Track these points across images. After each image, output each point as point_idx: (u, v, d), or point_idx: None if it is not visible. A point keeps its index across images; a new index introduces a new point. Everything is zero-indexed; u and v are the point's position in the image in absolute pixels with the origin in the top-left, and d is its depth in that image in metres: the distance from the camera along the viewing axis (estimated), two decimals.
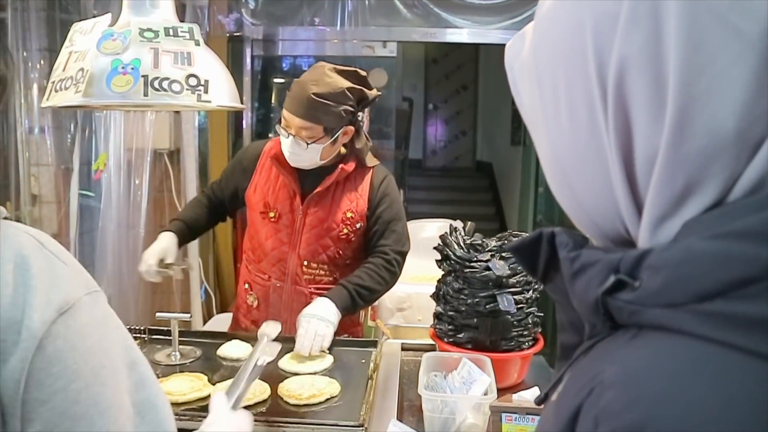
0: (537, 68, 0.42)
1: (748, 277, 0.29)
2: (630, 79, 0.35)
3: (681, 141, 0.33)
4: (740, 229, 0.30)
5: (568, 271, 0.38)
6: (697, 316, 0.30)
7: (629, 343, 0.34)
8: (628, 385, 0.31)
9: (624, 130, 0.36)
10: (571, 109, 0.39)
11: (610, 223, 0.40)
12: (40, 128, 2.74)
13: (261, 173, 1.66)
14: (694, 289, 0.30)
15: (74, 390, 0.49)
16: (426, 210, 5.81)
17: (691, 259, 0.31)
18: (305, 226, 1.61)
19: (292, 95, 1.51)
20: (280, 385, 1.28)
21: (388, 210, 1.63)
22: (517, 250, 0.43)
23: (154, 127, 2.72)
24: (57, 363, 0.49)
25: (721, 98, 0.32)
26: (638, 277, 0.33)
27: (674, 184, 0.34)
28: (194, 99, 1.23)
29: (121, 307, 2.71)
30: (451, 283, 1.44)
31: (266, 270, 1.66)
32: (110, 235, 2.72)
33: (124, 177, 2.72)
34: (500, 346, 1.42)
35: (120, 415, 0.53)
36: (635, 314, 0.33)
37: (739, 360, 0.29)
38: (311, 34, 3.28)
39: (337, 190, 1.62)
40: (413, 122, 6.70)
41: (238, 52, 3.21)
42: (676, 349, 0.31)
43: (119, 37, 1.22)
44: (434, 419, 1.19)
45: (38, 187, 2.79)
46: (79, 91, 1.18)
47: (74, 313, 0.51)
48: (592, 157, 0.38)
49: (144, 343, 1.54)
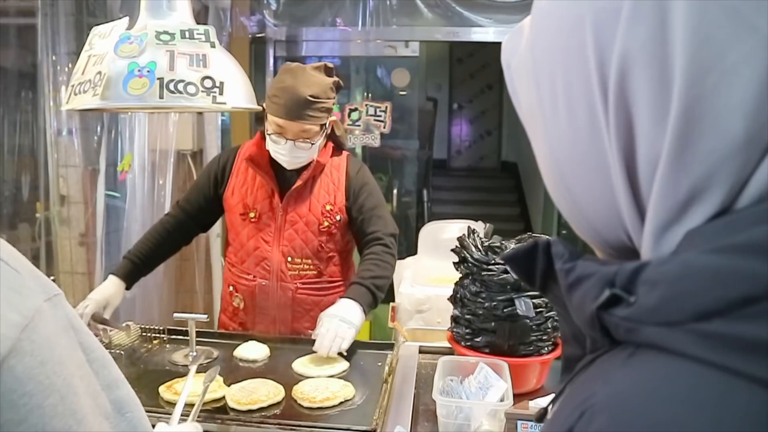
0: (534, 66, 0.39)
1: (749, 296, 0.26)
2: (632, 77, 0.32)
3: (686, 144, 0.31)
4: (742, 243, 0.28)
5: (564, 283, 0.36)
6: (695, 336, 0.28)
7: (625, 362, 0.32)
8: (620, 412, 0.29)
9: (626, 131, 0.33)
10: (569, 110, 0.36)
11: (612, 231, 0.37)
12: (68, 130, 2.81)
13: (237, 176, 1.67)
14: (691, 308, 0.28)
15: (50, 405, 0.47)
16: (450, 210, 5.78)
17: (689, 275, 0.28)
18: (286, 223, 1.63)
19: (284, 103, 1.52)
20: (294, 388, 1.28)
21: (369, 198, 1.66)
22: (511, 260, 0.40)
23: (178, 129, 2.76)
24: (29, 382, 0.46)
25: (730, 98, 0.29)
26: (634, 292, 0.31)
27: (678, 190, 0.31)
28: (209, 101, 1.23)
29: (144, 306, 2.75)
30: (469, 286, 1.42)
31: (250, 270, 1.67)
32: (135, 235, 2.76)
33: (148, 178, 2.76)
34: (519, 351, 1.39)
35: (98, 417, 0.52)
36: (631, 332, 0.31)
37: (739, 387, 0.26)
38: (333, 35, 3.29)
39: (314, 184, 1.64)
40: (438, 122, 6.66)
41: (261, 53, 3.23)
42: (673, 373, 0.29)
43: (136, 40, 1.23)
44: (448, 425, 1.17)
45: (66, 187, 2.86)
46: (97, 94, 1.20)
47: (37, 324, 0.48)
48: (593, 161, 0.36)
49: (162, 343, 1.56)
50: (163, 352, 1.51)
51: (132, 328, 1.56)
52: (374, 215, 1.65)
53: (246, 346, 1.50)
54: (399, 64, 3.55)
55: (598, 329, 0.33)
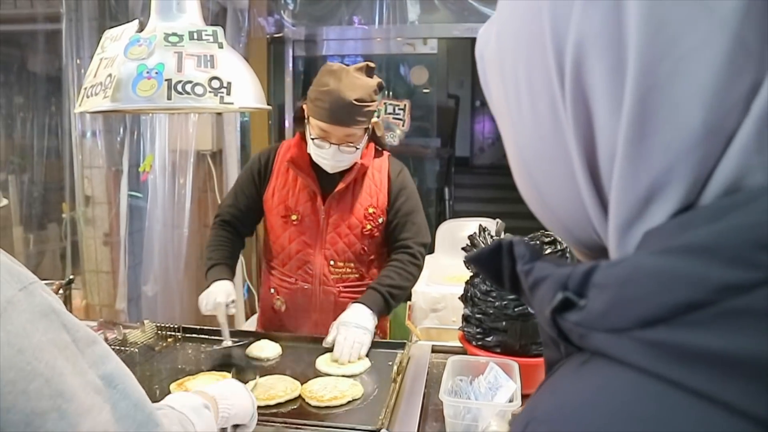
0: (499, 56, 0.37)
1: (693, 302, 0.24)
2: (588, 65, 0.30)
3: (642, 136, 0.29)
4: (689, 244, 0.26)
5: (525, 285, 0.34)
6: (639, 344, 0.26)
7: (575, 371, 0.30)
8: (559, 425, 0.28)
9: (585, 124, 0.32)
10: (532, 103, 0.35)
11: (582, 230, 0.36)
12: (92, 132, 2.87)
13: (277, 177, 1.64)
14: (636, 314, 0.26)
15: (35, 389, 0.49)
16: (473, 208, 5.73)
17: (635, 278, 0.27)
18: (329, 226, 1.60)
19: (328, 107, 1.47)
20: (304, 386, 1.28)
21: (407, 202, 1.63)
22: (476, 262, 0.38)
23: (197, 129, 2.80)
24: (9, 370, 0.47)
25: (687, 86, 0.27)
26: (585, 296, 0.29)
27: (637, 185, 0.29)
28: (217, 101, 1.24)
29: (165, 305, 2.80)
30: (479, 285, 1.40)
31: (292, 273, 1.65)
32: (156, 234, 2.82)
33: (169, 178, 2.80)
34: (530, 351, 1.37)
35: (89, 393, 0.53)
36: (583, 338, 0.29)
37: (679, 400, 0.24)
38: (352, 34, 3.29)
39: (356, 187, 1.61)
40: (460, 120, 6.61)
41: (280, 53, 3.25)
42: (613, 384, 0.27)
43: (145, 42, 1.25)
44: (456, 425, 1.15)
45: (91, 188, 2.92)
46: (107, 97, 1.22)
47: (10, 315, 0.49)
48: (557, 155, 0.34)
49: (177, 341, 1.58)
50: (176, 350, 1.53)
51: (147, 326, 1.59)
52: (408, 221, 1.63)
53: (258, 345, 1.50)
54: (418, 62, 3.54)
55: (557, 334, 0.31)
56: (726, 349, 0.23)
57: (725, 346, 0.23)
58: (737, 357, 0.23)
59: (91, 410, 0.53)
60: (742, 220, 0.25)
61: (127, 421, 0.56)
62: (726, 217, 0.26)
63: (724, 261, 0.24)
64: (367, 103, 1.48)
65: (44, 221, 3.27)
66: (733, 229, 0.25)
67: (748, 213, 0.25)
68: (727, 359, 0.23)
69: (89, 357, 0.56)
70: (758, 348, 0.23)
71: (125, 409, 0.57)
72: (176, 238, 2.83)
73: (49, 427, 0.49)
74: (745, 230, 0.24)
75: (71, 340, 0.54)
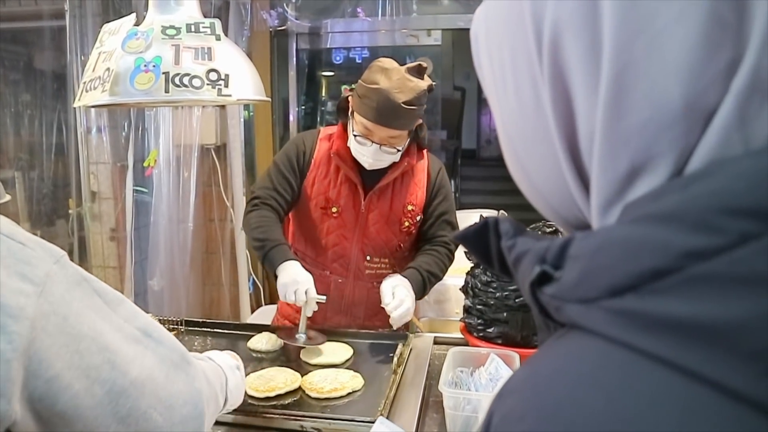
0: (487, 37, 0.38)
1: (658, 269, 0.24)
2: (565, 44, 0.30)
3: (619, 115, 0.28)
4: (657, 211, 0.25)
5: (509, 261, 0.34)
6: (607, 313, 0.26)
7: (551, 344, 0.30)
8: (526, 393, 0.28)
9: (563, 104, 0.31)
10: (516, 83, 0.35)
11: (567, 209, 0.36)
12: (98, 128, 2.88)
13: (319, 167, 1.60)
14: (605, 282, 0.26)
15: (85, 348, 0.55)
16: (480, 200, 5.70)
17: (605, 248, 0.26)
18: (368, 221, 1.58)
19: (375, 106, 1.43)
20: (304, 378, 1.28)
21: (444, 202, 1.65)
22: (464, 240, 0.38)
23: (201, 123, 2.80)
24: (60, 335, 0.53)
25: (663, 63, 0.27)
26: (562, 268, 0.29)
27: (617, 164, 0.29)
28: (214, 93, 1.24)
29: (172, 298, 2.82)
30: (480, 276, 1.40)
31: (326, 265, 1.62)
32: (162, 229, 2.83)
33: (173, 173, 2.81)
34: (532, 342, 1.36)
35: (131, 344, 0.61)
36: (559, 310, 0.29)
37: (644, 367, 0.24)
38: (355, 26, 3.27)
39: (397, 183, 1.59)
40: (466, 112, 6.58)
41: (283, 46, 3.25)
42: (583, 354, 0.27)
43: (142, 36, 1.25)
44: (456, 417, 1.15)
45: (97, 184, 2.94)
46: (105, 90, 1.22)
47: (51, 288, 0.54)
48: (540, 135, 0.34)
49: (180, 334, 1.59)
50: None
51: None
52: (445, 221, 1.64)
53: (259, 337, 1.51)
54: (422, 54, 3.51)
55: (537, 309, 0.31)
56: (689, 316, 0.23)
57: (688, 313, 0.23)
58: (700, 323, 0.23)
59: (135, 358, 0.60)
60: (709, 187, 0.25)
61: (166, 362, 0.64)
62: (693, 185, 0.25)
63: (688, 227, 0.24)
64: (416, 107, 1.44)
65: (52, 217, 3.30)
66: (698, 196, 0.25)
67: (714, 180, 0.25)
68: (691, 326, 0.23)
69: (122, 314, 0.63)
70: (720, 314, 0.22)
71: (163, 353, 0.65)
72: (181, 232, 2.84)
73: (105, 376, 0.56)
74: (711, 196, 0.24)
75: (103, 303, 0.61)
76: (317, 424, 1.11)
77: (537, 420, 0.26)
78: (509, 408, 0.28)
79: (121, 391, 0.57)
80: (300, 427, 1.11)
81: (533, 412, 0.26)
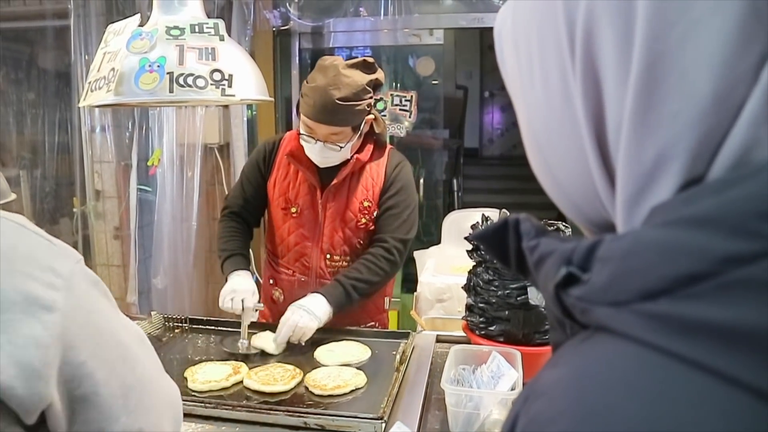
0: (513, 30, 0.38)
1: (695, 273, 0.24)
2: (598, 33, 0.30)
3: (648, 105, 0.28)
4: (692, 216, 0.25)
5: (530, 262, 0.34)
6: (640, 317, 0.25)
7: (577, 347, 0.30)
8: (557, 396, 0.27)
9: (594, 94, 0.31)
10: (544, 75, 0.34)
11: (591, 207, 0.35)
12: (102, 127, 2.90)
13: (279, 169, 1.64)
14: (638, 286, 0.26)
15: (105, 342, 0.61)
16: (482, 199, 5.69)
17: (637, 251, 0.26)
18: (326, 220, 1.60)
19: (312, 103, 1.46)
20: (307, 375, 1.29)
21: (396, 196, 1.60)
22: (482, 239, 0.38)
23: (205, 123, 2.81)
24: (87, 326, 0.58)
25: (697, 54, 0.27)
26: (589, 270, 0.28)
27: (643, 157, 0.29)
28: (218, 93, 1.25)
29: (176, 297, 2.83)
30: (482, 274, 1.40)
31: (290, 265, 1.65)
32: (166, 227, 2.85)
33: (177, 172, 2.83)
34: (533, 340, 1.37)
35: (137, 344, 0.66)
36: (585, 313, 0.29)
37: (679, 372, 0.24)
38: (358, 25, 3.28)
39: (352, 181, 1.60)
40: (469, 111, 6.58)
41: (286, 45, 3.25)
42: (616, 358, 0.26)
43: (147, 36, 1.26)
44: (458, 414, 1.16)
45: (101, 183, 2.96)
46: (110, 90, 1.23)
47: (77, 283, 0.59)
48: (566, 129, 0.34)
49: (184, 332, 1.60)
50: (183, 341, 1.55)
51: (154, 318, 1.61)
52: (392, 215, 1.60)
53: (262, 335, 1.52)
54: (424, 53, 3.52)
55: (560, 311, 0.31)
56: (727, 321, 0.23)
57: (727, 318, 0.23)
58: (739, 329, 0.23)
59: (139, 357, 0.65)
60: (745, 192, 0.25)
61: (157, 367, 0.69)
62: (730, 190, 0.25)
63: (726, 232, 0.24)
64: (353, 103, 1.45)
65: (56, 216, 3.31)
66: (735, 201, 0.24)
67: (751, 185, 0.25)
68: (729, 331, 0.23)
69: (123, 319, 0.67)
70: (760, 320, 0.22)
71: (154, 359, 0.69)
72: (185, 231, 2.85)
73: (119, 369, 0.61)
74: (748, 201, 0.24)
75: (112, 306, 0.65)
76: (320, 421, 1.12)
77: (570, 424, 0.25)
78: (537, 411, 0.28)
79: (131, 386, 0.62)
80: (303, 423, 1.12)
81: (566, 415, 0.26)
